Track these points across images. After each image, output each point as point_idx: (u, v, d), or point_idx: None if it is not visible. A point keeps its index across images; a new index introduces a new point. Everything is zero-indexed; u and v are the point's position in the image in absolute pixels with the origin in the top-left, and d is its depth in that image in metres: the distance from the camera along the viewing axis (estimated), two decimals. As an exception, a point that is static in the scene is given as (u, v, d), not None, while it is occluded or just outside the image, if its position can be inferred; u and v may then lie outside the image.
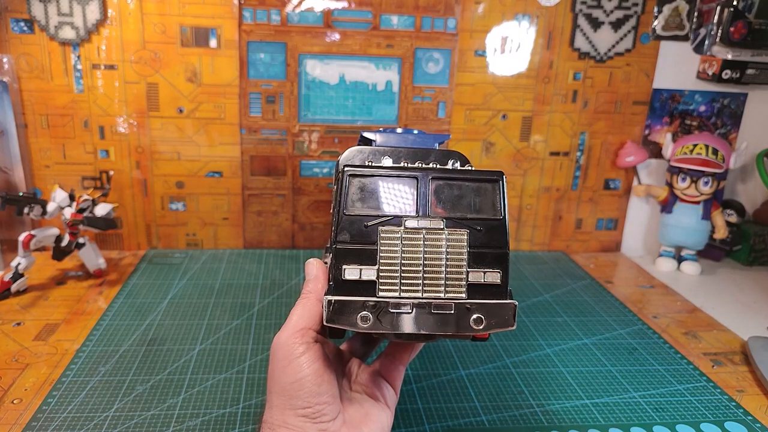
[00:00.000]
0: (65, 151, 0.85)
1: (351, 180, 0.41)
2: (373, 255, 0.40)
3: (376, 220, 0.40)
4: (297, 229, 0.94)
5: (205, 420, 0.53)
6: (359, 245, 0.40)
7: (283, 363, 0.40)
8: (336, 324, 0.39)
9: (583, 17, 0.89)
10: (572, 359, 0.66)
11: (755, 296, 0.86)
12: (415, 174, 0.42)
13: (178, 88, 0.85)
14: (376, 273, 0.39)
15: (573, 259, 0.97)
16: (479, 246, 0.40)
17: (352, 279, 0.39)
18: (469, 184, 0.42)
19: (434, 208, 0.41)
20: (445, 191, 0.42)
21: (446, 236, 0.40)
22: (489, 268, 0.40)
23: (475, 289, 0.40)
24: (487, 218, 0.41)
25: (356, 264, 0.40)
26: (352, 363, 0.49)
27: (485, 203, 0.42)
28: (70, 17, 0.80)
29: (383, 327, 0.39)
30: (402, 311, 0.39)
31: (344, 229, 0.40)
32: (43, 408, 0.53)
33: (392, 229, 0.40)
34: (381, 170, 0.42)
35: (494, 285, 0.40)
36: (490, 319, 0.39)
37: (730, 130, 0.97)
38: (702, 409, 0.58)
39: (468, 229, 0.40)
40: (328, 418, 0.41)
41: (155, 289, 0.78)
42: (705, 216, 0.92)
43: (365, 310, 0.39)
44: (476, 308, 0.39)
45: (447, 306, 0.39)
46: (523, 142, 0.94)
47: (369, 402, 0.46)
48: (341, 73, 0.87)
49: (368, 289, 0.39)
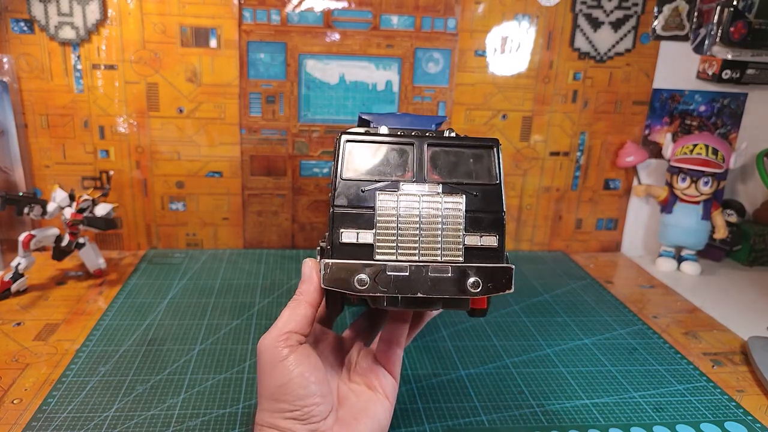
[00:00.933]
0: (65, 151, 0.85)
1: (348, 146, 0.42)
2: (370, 219, 0.40)
3: (373, 185, 0.41)
4: (297, 229, 0.94)
5: (205, 420, 0.53)
6: (356, 209, 0.40)
7: (268, 367, 0.40)
8: (333, 287, 0.39)
9: (583, 17, 0.89)
10: (572, 359, 0.66)
11: (755, 296, 0.86)
12: (412, 140, 0.42)
13: (178, 88, 0.85)
14: (373, 237, 0.40)
15: (573, 259, 0.97)
16: (475, 210, 0.41)
17: (349, 242, 0.39)
18: (465, 150, 0.42)
19: (430, 174, 0.41)
20: (441, 157, 0.42)
21: (443, 200, 0.40)
22: (485, 232, 0.41)
23: (472, 253, 0.40)
24: (483, 183, 0.42)
25: (353, 228, 0.40)
26: (352, 351, 0.49)
27: (481, 169, 0.42)
28: (70, 17, 0.80)
29: (380, 290, 0.39)
30: (399, 274, 0.39)
31: (341, 194, 0.40)
32: (43, 408, 0.53)
33: (389, 193, 0.40)
34: (377, 137, 0.42)
35: (491, 249, 0.40)
36: (488, 283, 0.39)
37: (730, 130, 0.97)
38: (702, 409, 0.58)
39: (464, 194, 0.41)
40: (318, 418, 0.40)
41: (155, 289, 0.78)
42: (705, 216, 0.92)
43: (362, 273, 0.39)
44: (473, 271, 0.39)
45: (444, 269, 0.39)
46: (523, 142, 0.94)
47: (367, 394, 0.45)
48: (341, 73, 0.87)
49: (366, 254, 0.40)
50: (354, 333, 0.52)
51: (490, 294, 0.40)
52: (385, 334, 0.47)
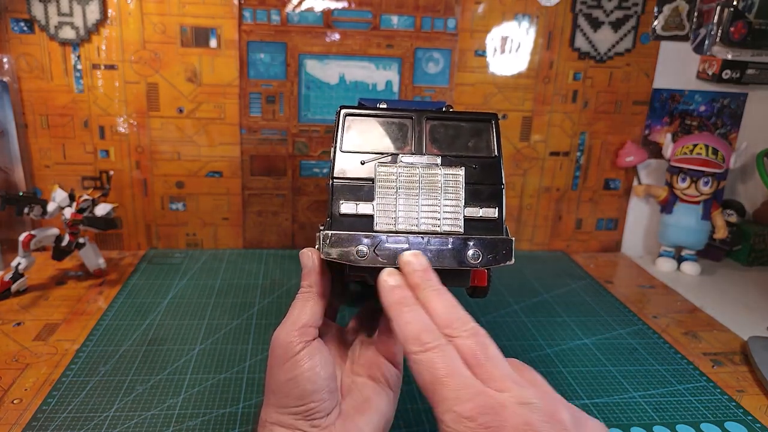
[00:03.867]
0: (65, 151, 0.85)
1: (347, 120, 0.42)
2: (369, 191, 0.40)
3: (372, 157, 0.41)
4: (297, 229, 0.94)
5: (205, 420, 0.53)
6: (355, 181, 0.40)
7: (280, 360, 0.40)
8: (332, 258, 0.39)
9: (583, 17, 0.89)
10: (572, 359, 0.66)
11: (755, 296, 0.86)
12: (410, 114, 0.42)
13: (178, 88, 0.85)
14: (373, 208, 0.40)
15: (573, 259, 0.97)
16: (475, 183, 0.41)
17: (349, 213, 0.40)
18: (464, 124, 0.43)
19: (429, 148, 0.42)
20: (440, 131, 0.42)
21: (442, 172, 0.40)
22: (485, 204, 0.41)
23: (471, 224, 0.40)
24: (482, 156, 0.42)
25: (353, 200, 0.40)
26: (355, 343, 0.49)
27: (480, 143, 0.42)
28: (70, 17, 0.80)
29: (380, 261, 0.39)
30: (399, 245, 0.39)
31: (340, 166, 0.41)
32: (43, 408, 0.53)
33: (389, 165, 0.40)
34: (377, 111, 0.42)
35: (491, 220, 0.41)
36: (488, 254, 0.39)
37: (730, 130, 0.97)
38: (702, 409, 0.58)
39: (463, 167, 0.41)
40: (322, 414, 0.40)
41: (155, 289, 0.78)
42: (705, 216, 0.92)
43: (362, 245, 0.39)
44: (473, 243, 0.39)
45: (444, 240, 0.39)
46: (523, 142, 0.94)
47: (369, 386, 0.44)
48: (341, 73, 0.87)
49: (365, 225, 0.40)
50: (356, 325, 0.51)
51: (490, 266, 0.40)
52: (384, 324, 0.46)
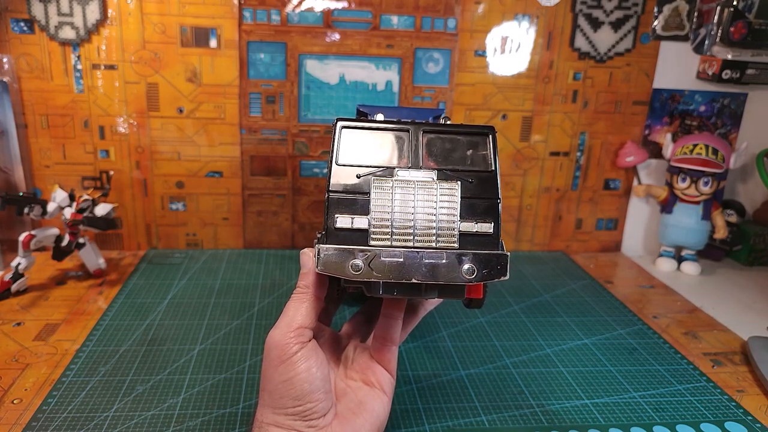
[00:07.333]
0: (65, 151, 0.85)
1: (343, 132, 0.42)
2: (365, 205, 0.40)
3: (368, 171, 0.41)
4: (297, 229, 0.94)
5: (205, 420, 0.53)
6: (351, 195, 0.40)
7: (276, 362, 0.40)
8: (327, 272, 0.39)
9: (583, 17, 0.89)
10: (572, 359, 0.66)
11: (755, 296, 0.86)
12: (407, 127, 0.42)
13: (178, 88, 0.85)
14: (368, 222, 0.40)
15: (573, 259, 0.97)
16: (471, 197, 0.41)
17: (344, 227, 0.40)
18: (461, 137, 0.42)
19: (426, 161, 0.42)
20: (436, 144, 0.42)
21: (438, 187, 0.40)
22: (481, 219, 0.41)
23: (467, 239, 0.40)
24: (479, 170, 0.42)
25: (348, 214, 0.40)
26: (348, 348, 0.49)
27: (476, 156, 0.42)
28: (70, 17, 0.80)
29: (375, 275, 0.39)
30: (394, 259, 0.39)
31: (336, 180, 0.41)
32: (43, 408, 0.53)
33: (384, 179, 0.40)
34: (373, 124, 0.42)
35: (486, 235, 0.40)
36: (483, 269, 0.39)
37: (730, 130, 0.97)
38: (702, 409, 0.58)
39: (459, 181, 0.41)
40: (318, 415, 0.40)
41: (155, 289, 0.78)
42: (705, 216, 0.92)
43: (357, 259, 0.39)
44: (468, 258, 0.39)
45: (439, 255, 0.39)
46: (523, 142, 0.94)
47: (364, 390, 0.45)
48: (341, 73, 0.87)
49: (361, 239, 0.40)
50: (350, 329, 0.51)
51: (485, 281, 0.39)
52: (378, 332, 0.47)
